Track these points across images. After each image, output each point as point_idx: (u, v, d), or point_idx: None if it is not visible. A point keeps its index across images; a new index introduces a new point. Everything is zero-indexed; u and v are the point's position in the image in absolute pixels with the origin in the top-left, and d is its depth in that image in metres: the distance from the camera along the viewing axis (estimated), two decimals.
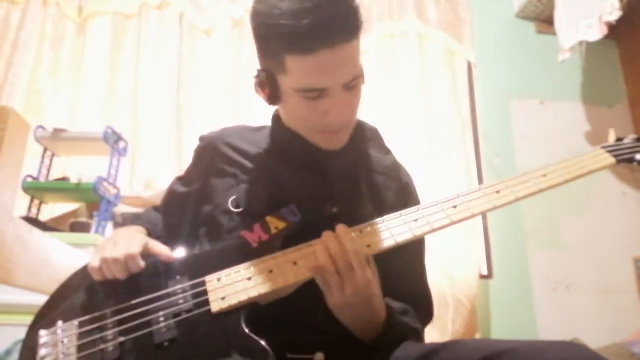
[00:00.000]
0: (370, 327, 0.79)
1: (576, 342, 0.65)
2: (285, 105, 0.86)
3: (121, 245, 0.80)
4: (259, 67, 0.86)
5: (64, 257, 0.99)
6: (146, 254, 0.82)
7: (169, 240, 0.93)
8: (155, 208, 1.06)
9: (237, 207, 0.88)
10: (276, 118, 0.97)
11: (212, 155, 0.97)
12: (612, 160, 0.87)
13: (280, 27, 0.75)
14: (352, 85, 0.82)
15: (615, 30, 2.44)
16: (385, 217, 0.81)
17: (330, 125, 0.84)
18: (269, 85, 0.83)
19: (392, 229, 0.79)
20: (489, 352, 0.66)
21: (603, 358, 0.62)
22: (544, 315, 2.39)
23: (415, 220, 0.80)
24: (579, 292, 2.47)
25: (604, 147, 0.89)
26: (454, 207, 0.81)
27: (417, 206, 0.83)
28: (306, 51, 0.75)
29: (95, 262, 0.79)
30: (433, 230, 0.80)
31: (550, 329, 2.34)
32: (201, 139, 1.04)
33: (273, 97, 0.85)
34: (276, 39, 0.77)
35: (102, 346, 0.72)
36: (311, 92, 0.79)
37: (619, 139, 0.91)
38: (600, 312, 2.44)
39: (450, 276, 2.25)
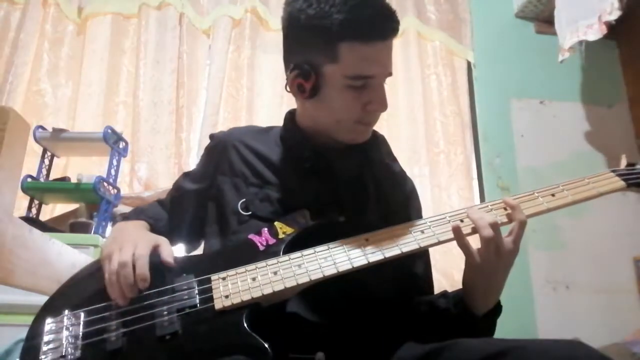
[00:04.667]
0: (489, 299, 0.82)
1: (577, 341, 0.66)
2: (323, 98, 0.88)
3: (127, 251, 0.79)
4: (295, 62, 0.87)
5: (64, 257, 0.99)
6: (153, 252, 0.82)
7: (173, 236, 0.94)
8: (160, 202, 1.06)
9: (246, 210, 0.89)
10: (290, 118, 0.98)
11: (222, 155, 0.98)
12: (622, 184, 0.86)
13: (342, 16, 0.81)
14: (385, 80, 0.88)
15: (615, 30, 2.44)
16: (393, 227, 0.82)
17: (367, 116, 0.89)
18: (314, 76, 0.86)
19: (398, 238, 0.80)
20: (492, 351, 0.66)
21: (606, 357, 0.62)
22: (544, 315, 2.39)
23: (422, 231, 0.81)
24: (579, 292, 2.47)
25: (614, 171, 0.88)
26: (462, 221, 0.81)
27: (425, 218, 0.84)
28: (365, 40, 0.82)
29: (106, 275, 0.78)
30: (439, 243, 0.80)
31: (550, 329, 2.34)
32: (212, 138, 1.04)
33: (314, 89, 0.87)
34: (334, 27, 0.82)
35: (105, 336, 0.73)
36: (359, 80, 0.84)
37: (630, 164, 0.90)
38: (600, 312, 2.44)
39: (451, 276, 2.25)
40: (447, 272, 2.24)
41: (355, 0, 0.82)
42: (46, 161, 2.10)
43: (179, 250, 0.88)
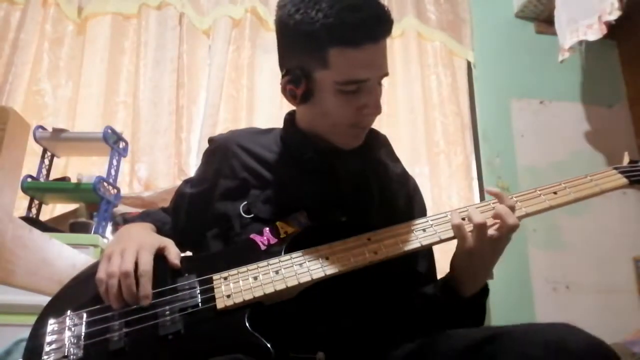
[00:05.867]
0: (477, 281, 0.83)
1: (567, 324, 0.65)
2: (316, 102, 0.87)
3: (129, 255, 0.79)
4: (288, 67, 0.87)
5: (64, 257, 0.99)
6: (157, 253, 0.82)
7: (178, 240, 0.94)
8: (164, 210, 1.06)
9: (248, 212, 0.89)
10: (289, 120, 0.98)
11: (222, 158, 0.98)
12: (624, 181, 0.86)
13: (329, 21, 0.79)
14: (381, 81, 0.86)
15: (615, 30, 2.44)
16: (395, 226, 0.82)
17: (362, 120, 0.87)
18: (305, 82, 0.84)
19: (400, 237, 0.80)
20: (482, 336, 0.67)
21: (596, 338, 0.62)
22: (544, 315, 2.39)
23: (424, 230, 0.81)
24: (579, 292, 2.47)
25: (616, 169, 0.88)
26: (463, 219, 0.81)
27: (427, 217, 0.84)
28: (354, 44, 0.79)
29: (102, 274, 0.78)
30: (441, 241, 0.81)
31: None
32: (211, 141, 1.04)
33: (306, 94, 0.86)
34: (322, 33, 0.80)
35: (107, 336, 0.73)
36: (351, 85, 0.82)
37: (632, 162, 0.90)
38: (600, 312, 2.44)
39: None
40: (447, 272, 2.24)
41: (342, 3, 0.79)
42: (46, 161, 2.10)
43: (184, 254, 0.88)
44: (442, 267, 1.05)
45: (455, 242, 0.82)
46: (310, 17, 0.80)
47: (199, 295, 0.76)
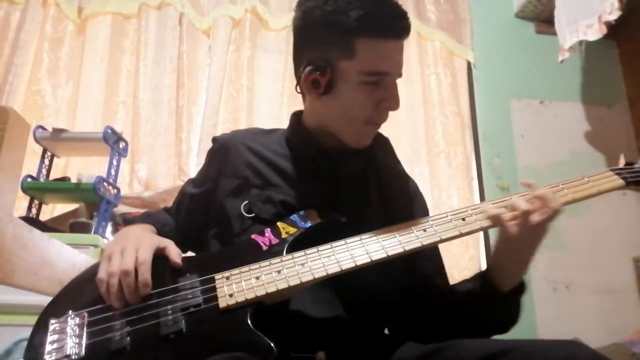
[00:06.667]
0: (518, 274, 0.84)
1: (576, 341, 0.66)
2: (337, 94, 0.88)
3: (129, 254, 0.79)
4: (309, 59, 0.88)
5: (64, 257, 0.99)
6: (158, 253, 0.82)
7: (180, 239, 0.94)
8: (166, 210, 1.07)
9: (249, 212, 0.89)
10: (296, 118, 0.99)
11: (224, 158, 0.98)
12: (621, 182, 0.87)
13: (360, 12, 0.83)
14: (396, 80, 0.90)
15: (615, 30, 2.44)
16: (396, 226, 0.83)
17: (378, 116, 0.90)
18: (330, 71, 0.86)
19: (401, 237, 0.80)
20: (491, 351, 0.66)
21: (605, 357, 0.62)
22: (544, 315, 2.39)
23: (425, 230, 0.81)
24: (579, 292, 2.47)
25: (613, 170, 0.89)
26: (463, 219, 0.81)
27: (427, 217, 0.84)
28: (381, 36, 0.84)
29: (102, 274, 0.78)
30: (442, 241, 0.81)
31: (550, 329, 2.34)
32: (214, 141, 1.04)
33: (329, 84, 0.87)
34: (351, 22, 0.83)
35: (109, 335, 0.73)
36: (373, 76, 0.86)
37: (628, 163, 0.91)
38: (600, 312, 2.44)
39: (451, 276, 2.24)
40: (448, 273, 2.24)
41: None
42: (46, 161, 2.10)
43: (186, 253, 0.87)
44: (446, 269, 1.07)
45: (466, 238, 0.81)
46: (341, 8, 0.84)
47: (201, 295, 0.76)
